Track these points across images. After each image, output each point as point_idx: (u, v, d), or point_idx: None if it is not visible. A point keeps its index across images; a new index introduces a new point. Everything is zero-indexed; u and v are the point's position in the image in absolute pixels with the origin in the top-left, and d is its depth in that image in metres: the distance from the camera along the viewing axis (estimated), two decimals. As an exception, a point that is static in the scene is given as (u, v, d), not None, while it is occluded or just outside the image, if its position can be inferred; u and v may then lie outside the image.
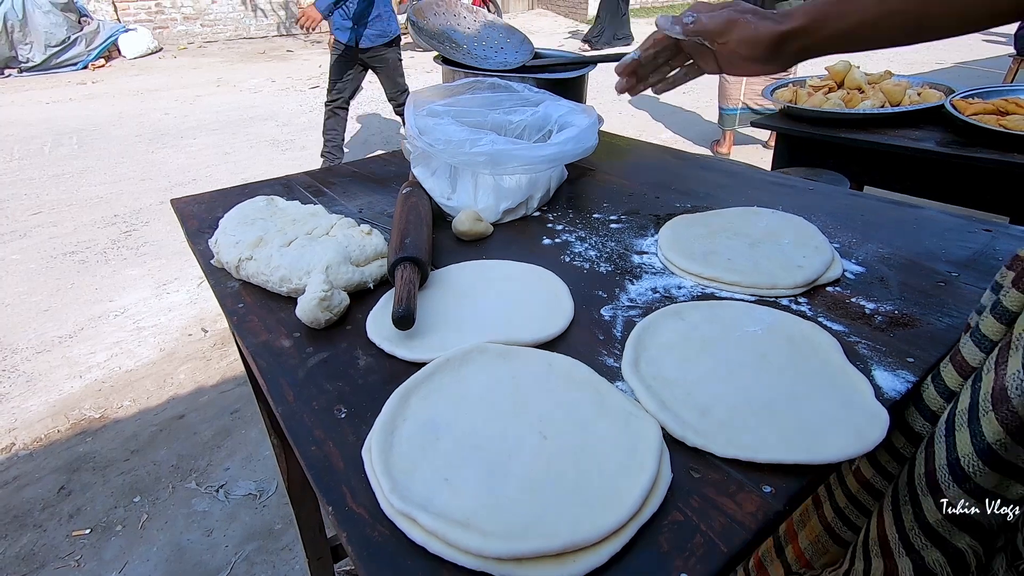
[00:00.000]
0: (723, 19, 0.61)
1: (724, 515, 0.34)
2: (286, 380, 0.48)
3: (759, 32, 0.59)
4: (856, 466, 0.52)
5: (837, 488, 0.54)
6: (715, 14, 0.62)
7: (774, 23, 0.58)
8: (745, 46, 0.60)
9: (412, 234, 0.62)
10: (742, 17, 0.60)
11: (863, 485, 0.51)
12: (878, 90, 1.42)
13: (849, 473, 0.53)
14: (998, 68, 4.73)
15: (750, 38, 0.59)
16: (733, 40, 0.61)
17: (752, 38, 0.59)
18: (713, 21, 0.61)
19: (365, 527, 0.34)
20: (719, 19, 0.61)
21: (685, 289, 0.59)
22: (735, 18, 0.60)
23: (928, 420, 0.46)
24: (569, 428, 0.40)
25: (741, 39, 0.60)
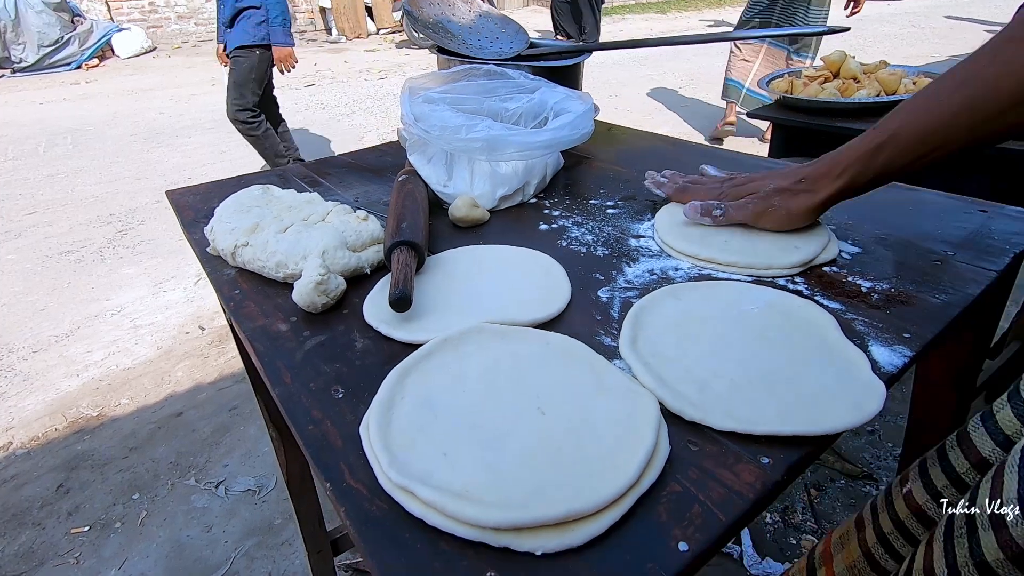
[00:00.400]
0: (751, 211, 0.60)
1: (722, 486, 0.34)
2: (283, 363, 0.48)
3: (793, 212, 0.58)
4: (908, 490, 0.50)
5: (883, 511, 0.52)
6: (742, 205, 0.61)
7: (807, 196, 0.57)
8: (783, 226, 0.59)
9: (408, 219, 0.62)
10: (769, 204, 0.59)
11: (914, 511, 0.49)
12: (873, 80, 1.42)
13: (899, 496, 0.50)
14: (993, 60, 4.74)
15: (785, 220, 0.59)
16: (769, 225, 0.60)
17: (787, 219, 0.59)
18: (742, 212, 0.61)
19: (363, 502, 0.34)
20: (748, 211, 0.60)
21: (682, 271, 0.59)
22: (762, 208, 0.59)
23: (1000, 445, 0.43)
24: (567, 404, 0.40)
25: (777, 223, 0.59)
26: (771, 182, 0.61)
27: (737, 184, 0.64)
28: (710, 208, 0.62)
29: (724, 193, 0.64)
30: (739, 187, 0.64)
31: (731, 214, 0.61)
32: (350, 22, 8.06)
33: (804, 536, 1.35)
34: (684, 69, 5.83)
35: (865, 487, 1.46)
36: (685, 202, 0.66)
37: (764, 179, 0.62)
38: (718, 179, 0.68)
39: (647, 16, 9.48)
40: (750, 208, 0.60)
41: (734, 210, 0.61)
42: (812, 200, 0.57)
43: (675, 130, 4.14)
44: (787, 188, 0.59)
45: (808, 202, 0.57)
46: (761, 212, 0.59)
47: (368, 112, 4.83)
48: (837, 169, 0.55)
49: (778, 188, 0.59)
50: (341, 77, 6.16)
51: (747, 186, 0.63)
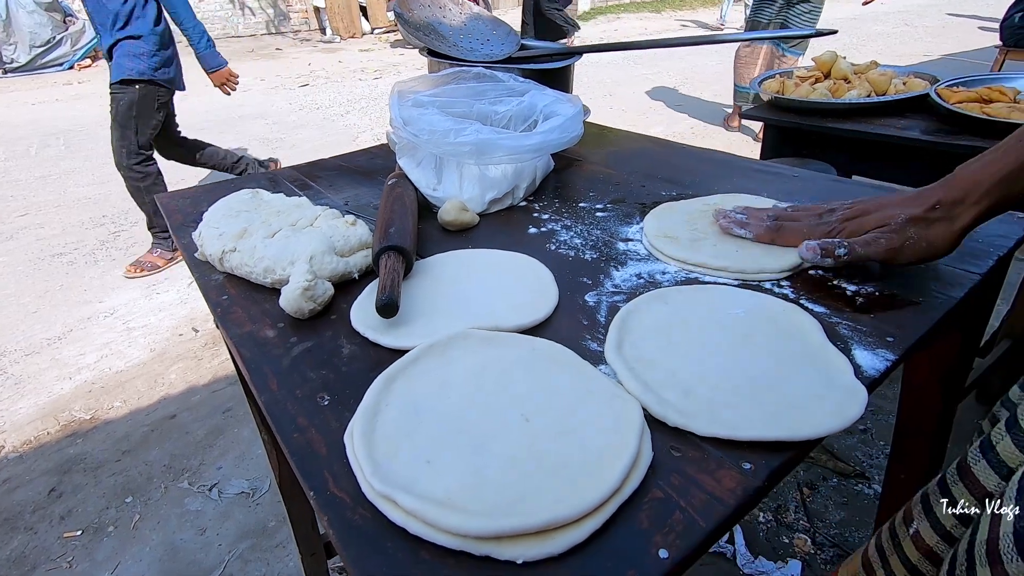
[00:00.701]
0: (885, 247, 0.53)
1: (704, 492, 0.34)
2: (270, 369, 0.48)
3: (935, 244, 0.52)
4: (915, 530, 0.48)
5: (893, 555, 0.50)
6: (872, 240, 0.54)
7: (946, 224, 0.52)
8: (922, 259, 0.53)
9: (397, 224, 0.62)
10: (906, 237, 0.52)
11: (925, 554, 0.47)
12: (864, 80, 1.43)
13: (907, 538, 0.49)
14: (985, 59, 4.77)
15: (926, 253, 0.53)
16: (905, 261, 0.54)
17: (928, 252, 0.53)
18: (872, 248, 0.53)
19: (346, 510, 0.34)
20: (881, 247, 0.53)
21: (669, 274, 0.59)
22: (898, 243, 0.53)
23: (1005, 479, 0.42)
24: (552, 410, 0.40)
25: (916, 257, 0.53)
26: (899, 211, 0.54)
27: (849, 217, 0.57)
28: (832, 248, 0.55)
29: (836, 228, 0.57)
30: (857, 220, 0.56)
31: (859, 252, 0.54)
32: (344, 22, 8.04)
33: (797, 535, 1.36)
34: (679, 68, 5.84)
35: (857, 485, 1.47)
36: (784, 243, 0.59)
37: (886, 208, 0.55)
38: (814, 211, 0.61)
39: (642, 15, 9.48)
40: (883, 244, 0.53)
41: (861, 246, 0.54)
42: (953, 228, 0.51)
43: (670, 129, 4.15)
44: (921, 217, 0.52)
45: (948, 230, 0.51)
46: (898, 247, 0.53)
47: (363, 112, 4.82)
48: (977, 191, 0.50)
49: (911, 218, 0.53)
50: (335, 77, 6.14)
51: (867, 219, 0.56)
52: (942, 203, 0.52)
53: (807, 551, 1.31)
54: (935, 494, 0.49)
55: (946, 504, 0.46)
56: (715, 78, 5.30)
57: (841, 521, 1.38)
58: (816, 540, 1.33)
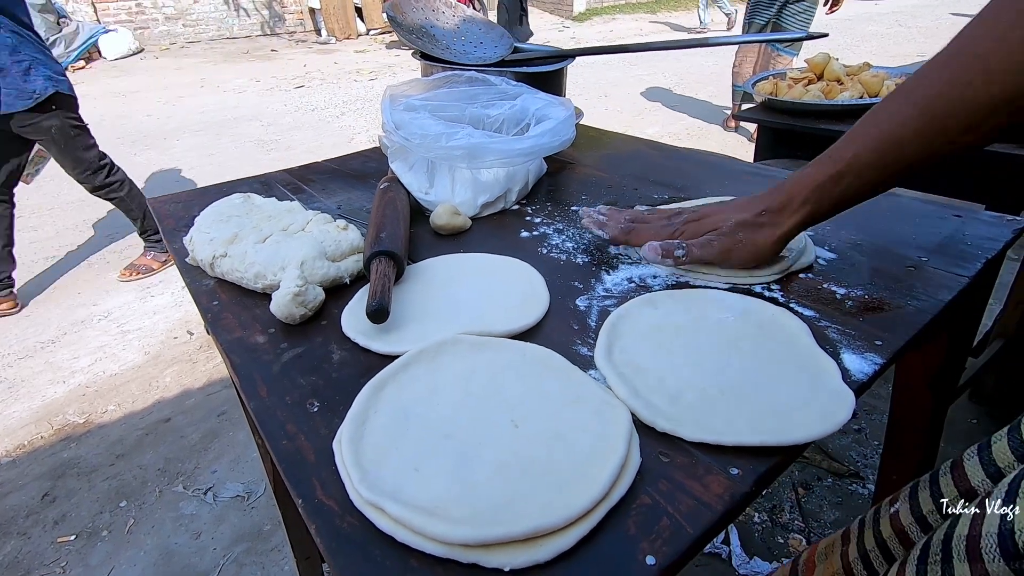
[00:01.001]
0: (717, 249, 0.57)
1: (692, 498, 0.35)
2: (260, 375, 0.48)
3: (760, 247, 0.56)
4: (895, 510, 0.49)
5: (869, 529, 0.51)
6: (706, 242, 0.58)
7: (770, 229, 0.55)
8: (748, 263, 0.57)
9: (388, 228, 0.62)
10: (734, 242, 0.56)
11: (897, 532, 0.48)
12: (856, 82, 1.43)
13: (886, 516, 0.50)
14: (978, 60, 4.78)
15: (751, 257, 0.56)
16: (735, 262, 0.57)
17: (753, 256, 0.56)
18: (706, 251, 0.57)
19: (334, 518, 0.34)
20: (713, 249, 0.57)
21: (660, 278, 0.59)
22: (728, 246, 0.56)
23: (990, 477, 0.43)
24: (541, 416, 0.40)
25: (743, 260, 0.57)
26: (732, 215, 0.58)
27: (691, 220, 0.61)
28: (671, 249, 0.58)
29: (679, 231, 0.61)
30: (696, 223, 0.60)
31: (695, 253, 0.58)
32: (340, 23, 8.02)
33: (792, 535, 1.36)
34: (675, 69, 5.85)
35: (852, 485, 1.47)
36: (633, 243, 0.62)
37: (722, 212, 0.59)
38: (663, 214, 0.65)
39: (636, 16, 9.50)
40: (715, 246, 0.57)
41: (698, 248, 0.58)
42: (775, 233, 0.55)
43: (666, 130, 4.16)
44: (749, 221, 0.56)
45: (772, 235, 0.55)
46: (728, 249, 0.57)
47: (358, 113, 4.82)
48: (798, 199, 0.54)
49: (740, 222, 0.57)
50: (331, 78, 6.14)
51: (705, 221, 0.60)
52: (768, 210, 0.56)
53: (802, 551, 1.31)
54: (923, 482, 0.49)
55: (930, 492, 0.47)
56: (711, 78, 5.31)
57: (836, 521, 1.38)
58: (811, 540, 1.33)
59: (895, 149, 0.49)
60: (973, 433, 1.61)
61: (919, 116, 0.47)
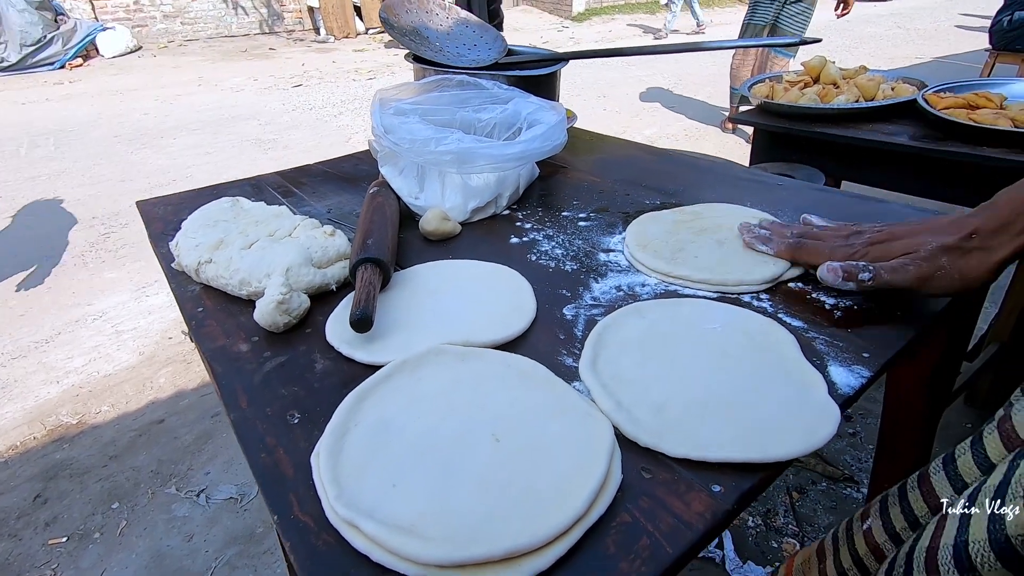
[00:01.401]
0: (913, 275, 0.49)
1: (672, 516, 0.34)
2: (241, 385, 0.47)
3: (968, 275, 0.48)
4: (868, 527, 0.49)
5: (844, 545, 0.51)
6: (899, 267, 0.50)
7: (983, 254, 0.48)
8: (954, 291, 0.50)
9: (375, 235, 0.61)
10: (938, 266, 0.49)
11: (872, 550, 0.47)
12: (852, 85, 1.43)
13: (859, 532, 0.50)
14: (976, 63, 4.79)
15: (958, 285, 0.49)
16: (937, 290, 0.50)
17: (960, 284, 0.49)
18: (899, 276, 0.50)
19: (310, 536, 0.34)
20: (908, 275, 0.50)
21: (649, 287, 0.59)
22: (928, 272, 0.49)
23: (958, 492, 0.42)
24: (522, 430, 0.39)
25: (947, 288, 0.49)
26: (931, 238, 0.50)
27: (877, 241, 0.54)
28: (855, 271, 0.51)
29: (859, 251, 0.54)
30: (884, 244, 0.53)
31: (884, 278, 0.50)
32: (338, 22, 8.01)
33: (786, 539, 1.36)
34: (673, 70, 5.85)
35: (846, 489, 1.47)
36: (803, 261, 0.57)
37: (917, 234, 0.52)
38: (840, 232, 0.58)
39: (636, 17, 9.49)
40: (911, 271, 0.50)
41: (887, 272, 0.50)
42: (990, 260, 0.48)
43: (663, 131, 4.15)
44: (955, 246, 0.49)
45: (985, 263, 0.48)
46: (927, 276, 0.49)
47: (356, 113, 4.80)
48: (1021, 221, 0.47)
49: (944, 247, 0.49)
50: (329, 77, 6.12)
51: (896, 244, 0.52)
52: (979, 232, 0.49)
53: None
54: (892, 496, 0.49)
55: (899, 509, 0.46)
56: (709, 80, 5.31)
57: (830, 525, 1.38)
58: (805, 544, 1.33)
59: None
60: (967, 437, 1.60)
61: None
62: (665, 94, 5.09)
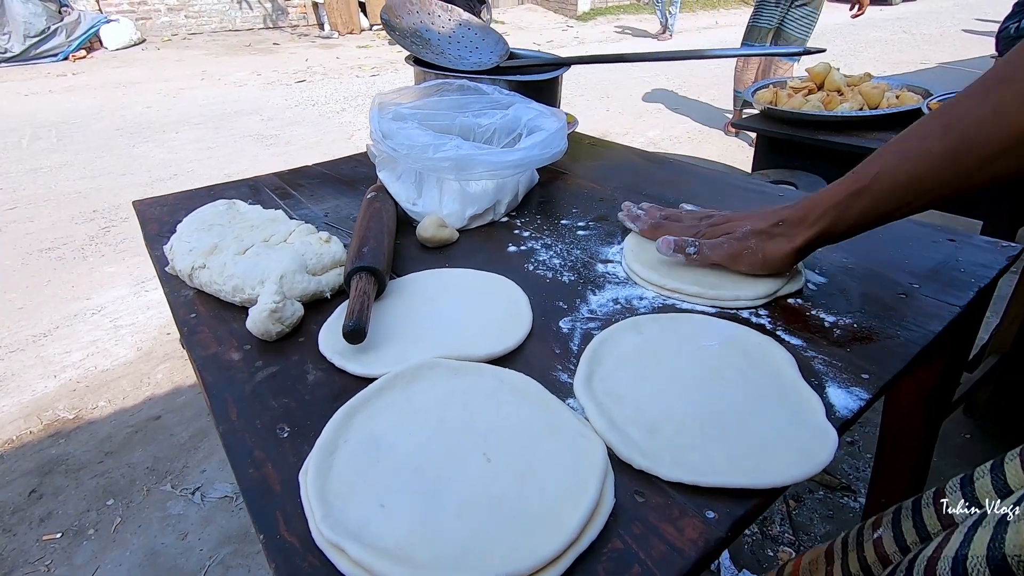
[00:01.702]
0: (726, 252, 0.57)
1: (665, 542, 0.33)
2: (231, 396, 0.47)
3: (768, 257, 0.55)
4: (879, 536, 0.49)
5: (853, 551, 0.51)
6: (717, 244, 0.58)
7: (783, 240, 0.55)
8: (757, 270, 0.57)
9: (371, 242, 0.60)
10: (745, 246, 0.56)
11: (881, 559, 0.48)
12: (857, 92, 1.42)
13: (869, 540, 0.50)
14: (981, 69, 4.77)
15: (760, 264, 0.56)
16: (743, 267, 0.57)
17: (762, 264, 0.56)
18: (717, 252, 0.58)
19: (295, 557, 0.33)
20: (722, 251, 0.58)
21: (647, 300, 0.58)
22: (738, 250, 0.57)
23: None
24: (514, 449, 0.39)
25: (751, 266, 0.57)
26: (748, 223, 0.58)
27: (715, 223, 0.62)
28: (683, 245, 0.59)
29: (700, 231, 0.62)
30: (716, 226, 0.61)
31: (705, 253, 0.58)
32: (343, 17, 7.99)
33: (782, 548, 1.35)
34: (677, 71, 5.83)
35: (843, 499, 1.46)
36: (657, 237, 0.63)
37: (742, 220, 0.60)
38: (696, 215, 0.66)
39: (641, 17, 9.46)
40: (724, 248, 0.58)
41: (708, 249, 0.58)
42: (788, 246, 0.54)
43: (666, 133, 4.14)
44: (764, 231, 0.56)
45: (784, 247, 0.55)
46: (736, 254, 0.57)
47: (359, 110, 4.79)
48: (815, 214, 0.53)
49: (755, 230, 0.57)
50: (332, 73, 6.11)
51: (723, 225, 0.60)
52: (786, 221, 0.55)
53: (786, 562, 1.30)
54: (907, 509, 0.49)
55: (912, 523, 0.46)
56: (713, 82, 5.29)
57: (827, 534, 1.38)
58: (801, 553, 1.33)
59: (922, 168, 0.47)
60: (966, 448, 1.60)
61: (949, 135, 0.46)
62: (669, 95, 5.07)
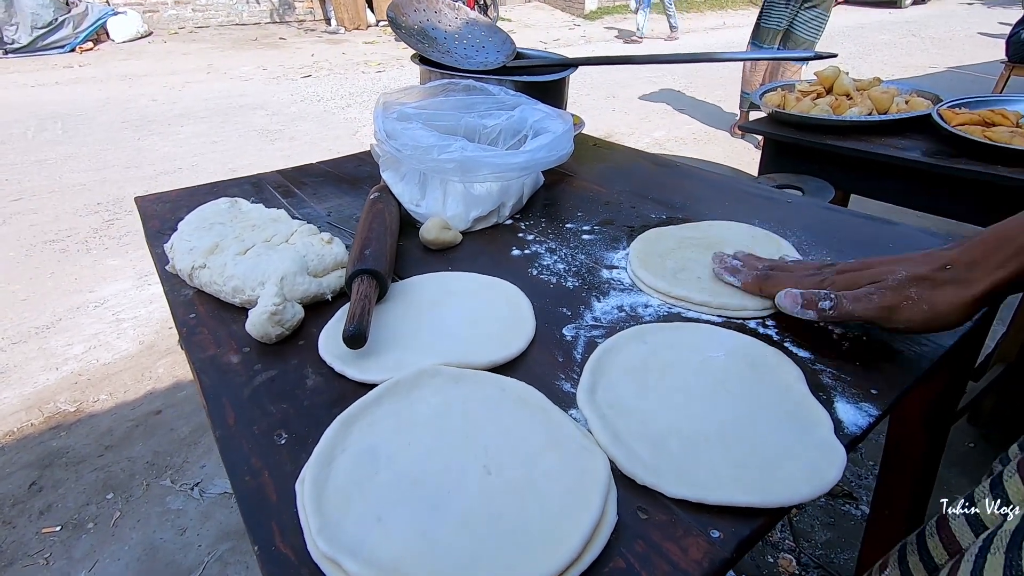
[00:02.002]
0: (878, 304, 0.46)
1: (668, 562, 0.33)
2: (229, 400, 0.46)
3: (939, 309, 0.44)
4: (884, 562, 0.48)
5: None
6: (862, 295, 0.47)
7: (956, 288, 0.44)
8: (922, 327, 0.46)
9: (373, 244, 0.60)
10: (904, 297, 0.45)
11: None
12: (866, 97, 1.40)
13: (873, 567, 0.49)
14: (990, 74, 4.73)
15: (928, 318, 0.45)
16: (902, 325, 0.46)
17: (931, 317, 0.45)
18: (862, 305, 0.47)
19: (290, 569, 0.33)
20: (873, 304, 0.46)
21: (652, 308, 0.57)
22: (894, 302, 0.45)
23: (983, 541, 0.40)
24: (515, 462, 0.38)
25: (914, 321, 0.45)
26: (902, 267, 0.47)
27: (847, 270, 0.51)
28: (815, 299, 0.48)
29: (826, 280, 0.51)
30: (853, 273, 0.50)
31: (846, 306, 0.47)
32: (349, 13, 7.98)
33: (782, 555, 1.35)
34: (684, 71, 5.80)
35: (845, 506, 1.45)
36: (770, 293, 0.54)
37: (889, 263, 0.49)
38: (812, 264, 0.56)
39: (649, 16, 9.41)
40: (875, 300, 0.46)
41: (850, 301, 0.47)
42: (965, 294, 0.44)
43: (671, 133, 4.12)
44: (927, 276, 0.45)
45: (959, 296, 0.44)
46: (894, 306, 0.45)
47: (364, 106, 4.79)
48: (1003, 252, 0.42)
49: (914, 276, 0.46)
50: (338, 69, 6.10)
51: (865, 272, 0.49)
52: (954, 263, 0.45)
53: (792, 572, 1.29)
54: (911, 544, 0.48)
55: (918, 558, 0.45)
56: (720, 83, 5.26)
57: (827, 542, 1.37)
58: (801, 561, 1.32)
59: None
60: (969, 456, 1.59)
61: None
62: (675, 96, 5.05)
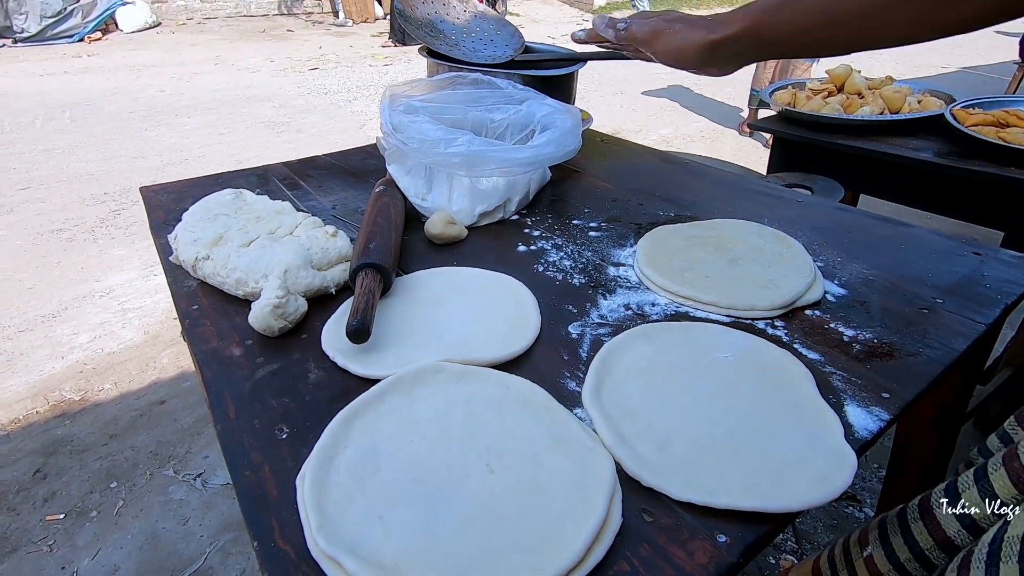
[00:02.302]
0: (650, 28, 0.61)
1: (673, 566, 0.32)
2: (230, 394, 0.46)
3: (686, 42, 0.58)
4: (869, 554, 0.48)
5: (844, 571, 0.51)
6: (645, 22, 0.62)
7: (705, 31, 0.57)
8: (672, 55, 0.61)
9: (378, 238, 0.59)
10: (669, 27, 0.60)
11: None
12: (878, 96, 1.39)
13: (859, 559, 0.49)
14: (1003, 74, 4.67)
15: (676, 47, 0.60)
16: (660, 49, 0.61)
17: (678, 48, 0.59)
18: (642, 30, 0.62)
19: (289, 567, 0.32)
20: (647, 28, 0.62)
21: (659, 307, 0.57)
22: (661, 28, 0.60)
23: (967, 528, 0.41)
24: (518, 461, 0.37)
25: (668, 49, 0.60)
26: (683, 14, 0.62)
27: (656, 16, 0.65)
28: (615, 22, 0.65)
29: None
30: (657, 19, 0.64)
31: (633, 30, 0.63)
32: (357, 5, 7.95)
33: (784, 556, 1.34)
34: (693, 68, 5.75)
35: (848, 508, 1.44)
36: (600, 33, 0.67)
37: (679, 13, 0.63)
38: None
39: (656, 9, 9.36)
40: (650, 24, 0.62)
41: (636, 26, 0.63)
42: (707, 36, 0.56)
43: (679, 131, 4.09)
44: (692, 20, 0.59)
45: (703, 36, 0.57)
46: (660, 31, 0.60)
47: (370, 99, 4.78)
48: (743, 13, 0.54)
49: (684, 17, 0.60)
50: (345, 62, 6.09)
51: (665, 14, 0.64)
52: (715, 19, 0.58)
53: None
54: (892, 524, 0.47)
55: (902, 540, 0.45)
56: (728, 80, 5.20)
57: (830, 544, 1.36)
58: (785, 570, 1.31)
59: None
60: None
61: None
62: (684, 92, 5.01)
